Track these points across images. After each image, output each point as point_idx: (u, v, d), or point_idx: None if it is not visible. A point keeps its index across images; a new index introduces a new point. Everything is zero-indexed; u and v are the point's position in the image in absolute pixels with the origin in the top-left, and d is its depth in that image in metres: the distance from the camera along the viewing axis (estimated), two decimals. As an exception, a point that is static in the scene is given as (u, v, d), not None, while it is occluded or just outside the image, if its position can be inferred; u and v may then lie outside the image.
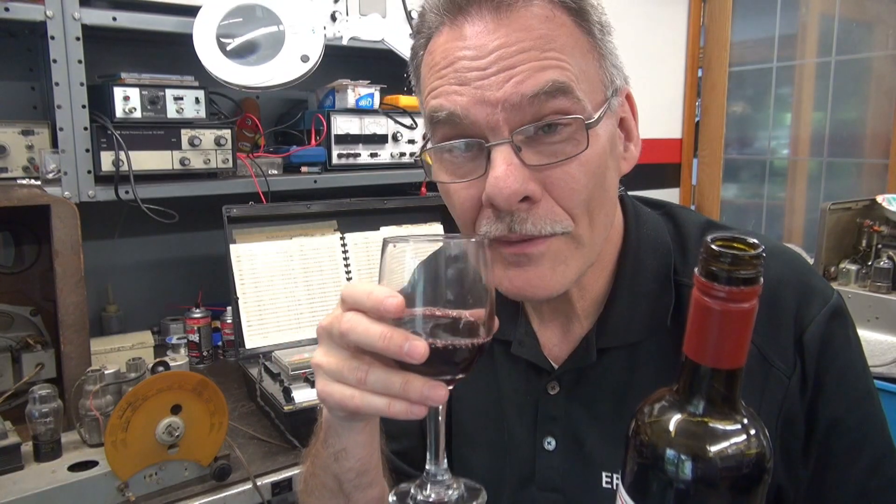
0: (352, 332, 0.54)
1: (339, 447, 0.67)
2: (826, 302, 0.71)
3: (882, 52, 2.60)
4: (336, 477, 0.70)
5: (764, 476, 0.43)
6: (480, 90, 0.61)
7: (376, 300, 0.53)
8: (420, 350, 0.51)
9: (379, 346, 0.52)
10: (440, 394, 0.53)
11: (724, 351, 0.41)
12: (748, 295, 0.39)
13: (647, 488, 0.44)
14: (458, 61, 0.63)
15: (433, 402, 0.54)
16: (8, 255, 1.46)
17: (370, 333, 0.53)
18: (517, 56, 0.61)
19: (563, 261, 0.66)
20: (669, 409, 0.44)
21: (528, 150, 0.63)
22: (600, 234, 0.68)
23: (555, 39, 0.62)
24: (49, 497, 1.07)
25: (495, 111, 0.61)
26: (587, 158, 0.63)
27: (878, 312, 1.99)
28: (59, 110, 1.44)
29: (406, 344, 0.51)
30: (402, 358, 0.52)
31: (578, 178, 0.63)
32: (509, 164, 0.61)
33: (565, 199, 0.63)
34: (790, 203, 2.97)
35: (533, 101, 0.61)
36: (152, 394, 1.12)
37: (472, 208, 0.66)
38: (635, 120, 0.73)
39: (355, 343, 0.54)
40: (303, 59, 1.60)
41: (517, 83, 0.60)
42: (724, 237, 0.40)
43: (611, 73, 0.67)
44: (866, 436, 0.70)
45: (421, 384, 0.53)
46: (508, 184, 0.60)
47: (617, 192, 0.70)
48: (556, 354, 0.77)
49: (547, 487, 0.76)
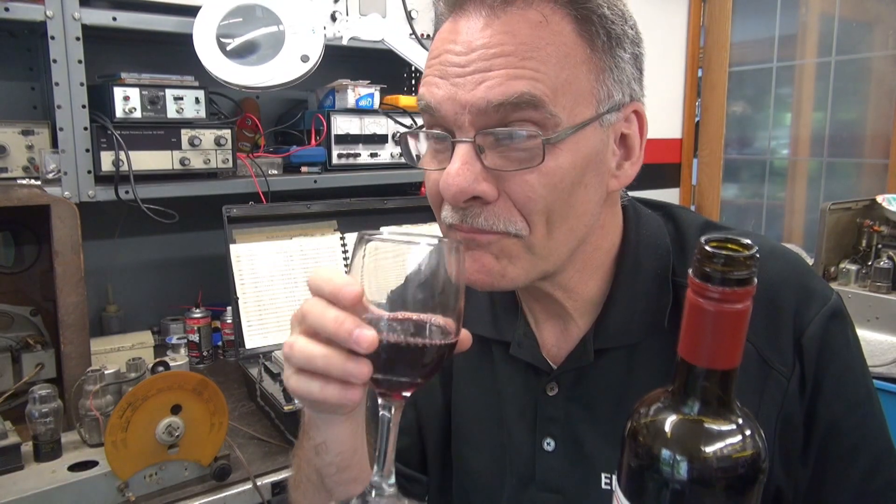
0: (309, 313, 0.55)
1: (318, 440, 0.67)
2: (825, 303, 0.70)
3: (882, 52, 2.60)
4: (317, 471, 0.70)
5: (759, 476, 0.43)
6: (455, 87, 0.62)
7: (335, 287, 0.53)
8: (368, 338, 0.51)
9: (331, 329, 0.52)
10: (363, 370, 0.53)
11: (718, 352, 0.41)
12: (742, 296, 0.39)
13: (643, 489, 0.44)
14: (445, 54, 0.64)
15: (355, 378, 0.53)
16: (8, 255, 1.46)
17: (325, 316, 0.53)
18: (495, 59, 0.61)
19: (508, 257, 0.66)
20: (664, 409, 0.44)
21: (490, 152, 0.63)
22: (559, 246, 0.67)
23: (539, 48, 0.62)
24: (49, 497, 1.07)
25: (463, 111, 0.62)
26: (549, 170, 0.63)
27: (878, 312, 1.99)
28: (59, 110, 1.45)
29: (356, 330, 0.51)
30: (350, 344, 0.51)
31: (536, 188, 0.63)
32: (464, 163, 0.62)
33: (522, 206, 0.64)
34: (790, 203, 2.97)
35: (499, 108, 0.61)
36: (152, 394, 1.12)
37: (439, 194, 0.67)
38: (641, 139, 0.70)
39: (311, 326, 0.55)
40: (303, 59, 1.60)
41: (487, 88, 0.61)
42: (718, 238, 0.40)
43: (608, 88, 0.66)
44: (865, 437, 0.70)
45: (342, 358, 0.53)
46: (458, 181, 0.62)
47: (593, 209, 0.69)
48: (554, 355, 0.77)
49: (546, 488, 0.77)
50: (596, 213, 0.70)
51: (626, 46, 0.67)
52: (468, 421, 0.84)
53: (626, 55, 0.67)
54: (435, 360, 0.55)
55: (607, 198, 0.71)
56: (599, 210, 0.70)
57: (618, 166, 0.70)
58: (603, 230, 0.73)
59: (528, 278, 0.68)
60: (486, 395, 0.82)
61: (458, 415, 0.85)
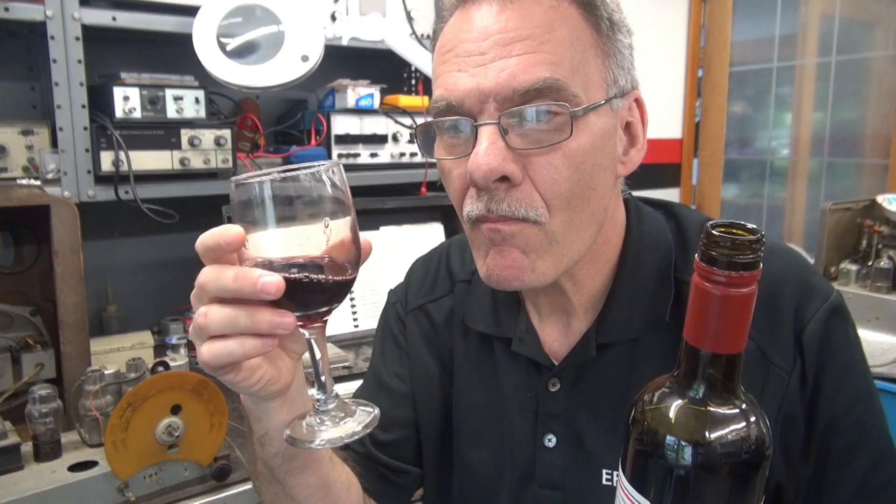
0: (207, 282, 0.53)
1: (261, 432, 0.66)
2: (826, 300, 0.71)
3: (882, 52, 2.60)
4: (265, 464, 0.69)
5: (763, 462, 0.43)
6: (475, 78, 0.63)
7: (215, 238, 0.52)
8: (274, 283, 0.50)
9: (233, 288, 0.51)
10: (287, 321, 0.53)
11: (723, 336, 0.41)
12: (747, 280, 0.39)
13: (649, 474, 0.44)
14: (461, 44, 0.64)
15: (283, 330, 0.53)
16: (8, 255, 1.46)
17: (222, 277, 0.52)
18: (514, 44, 0.62)
19: (535, 250, 0.66)
20: (670, 394, 0.45)
21: (514, 133, 0.63)
22: (579, 235, 0.67)
23: (555, 30, 0.63)
24: (49, 497, 1.07)
25: (488, 100, 0.63)
26: (572, 151, 0.63)
27: (878, 312, 1.99)
28: (58, 110, 1.44)
29: (259, 280, 0.50)
30: (258, 295, 0.51)
31: (560, 169, 0.63)
32: (492, 143, 0.62)
33: (545, 188, 0.64)
34: (790, 203, 2.97)
35: (524, 95, 0.62)
36: (152, 394, 1.12)
37: (462, 187, 0.67)
38: (643, 126, 0.72)
39: (214, 294, 0.53)
40: (303, 59, 1.60)
41: (511, 76, 0.61)
42: (724, 223, 0.41)
43: (614, 73, 0.67)
44: (866, 434, 0.70)
45: (269, 314, 0.52)
46: (488, 160, 0.62)
47: (609, 193, 0.69)
48: (556, 351, 0.77)
49: (547, 485, 0.77)
50: (610, 199, 0.70)
51: (624, 33, 0.69)
52: (469, 417, 0.84)
53: (626, 41, 0.69)
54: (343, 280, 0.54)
55: (614, 185, 0.72)
56: (612, 196, 0.71)
57: (625, 152, 0.71)
58: (612, 221, 0.74)
59: (556, 272, 0.67)
60: (487, 391, 0.82)
61: (459, 411, 0.85)
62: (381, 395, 0.88)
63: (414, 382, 0.88)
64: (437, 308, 0.89)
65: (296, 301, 0.53)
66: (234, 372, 0.56)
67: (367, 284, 1.91)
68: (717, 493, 0.43)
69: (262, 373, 0.58)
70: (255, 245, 0.52)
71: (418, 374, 0.88)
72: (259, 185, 0.51)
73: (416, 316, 0.90)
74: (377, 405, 0.59)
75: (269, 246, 0.52)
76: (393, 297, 0.95)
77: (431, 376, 0.87)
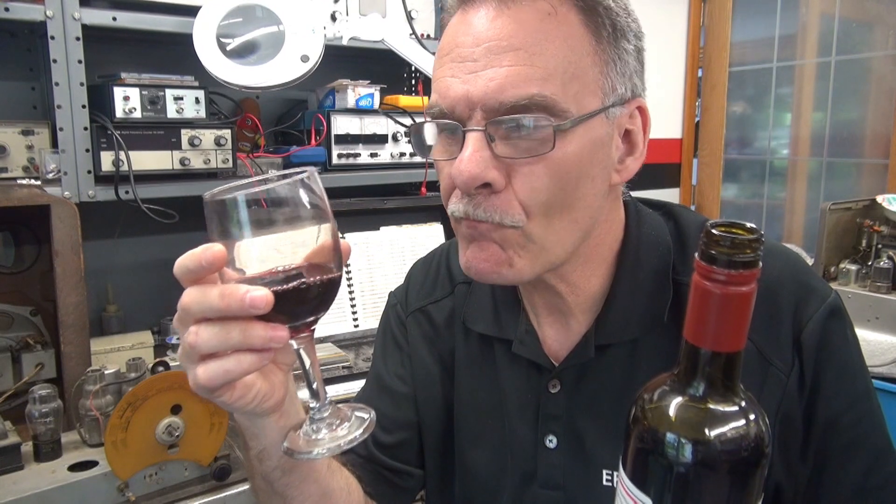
0: (192, 304, 0.52)
1: (258, 448, 0.66)
2: (824, 301, 0.71)
3: (882, 52, 2.60)
4: (264, 478, 0.69)
5: (762, 460, 0.43)
6: (466, 85, 0.63)
7: (196, 259, 0.50)
8: (262, 297, 0.49)
9: (221, 307, 0.50)
10: (282, 334, 0.52)
11: (723, 334, 0.42)
12: (747, 278, 0.40)
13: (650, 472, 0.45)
14: (456, 49, 0.64)
15: (278, 343, 0.52)
16: (8, 255, 1.46)
17: (207, 297, 0.50)
18: (506, 54, 0.61)
19: (513, 247, 0.66)
20: (669, 393, 0.45)
21: (500, 141, 0.63)
22: (562, 237, 0.67)
23: (550, 40, 0.62)
24: (49, 497, 1.07)
25: (475, 107, 0.63)
26: (556, 160, 0.63)
27: (878, 312, 1.99)
28: (59, 110, 1.44)
29: (247, 296, 0.49)
30: (247, 311, 0.49)
31: (541, 178, 0.63)
32: (476, 151, 0.62)
33: (524, 195, 0.64)
34: (790, 203, 2.97)
35: (511, 109, 0.62)
36: (152, 394, 1.12)
37: (449, 186, 0.67)
38: (645, 135, 0.71)
39: (200, 315, 0.52)
40: (303, 59, 1.60)
41: (498, 89, 0.61)
42: (724, 222, 0.41)
43: (613, 81, 0.66)
44: (864, 434, 0.70)
45: (262, 328, 0.51)
46: (469, 168, 0.62)
47: (598, 201, 0.69)
48: (556, 352, 0.77)
49: (548, 485, 0.77)
50: (600, 206, 0.70)
51: (629, 38, 0.67)
52: (470, 418, 0.84)
53: (630, 47, 0.67)
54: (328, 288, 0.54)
55: (610, 192, 0.71)
56: (603, 203, 0.70)
57: (620, 161, 0.70)
58: (607, 224, 0.74)
59: (533, 271, 0.67)
60: (487, 393, 0.82)
61: (460, 412, 0.85)
62: (382, 397, 0.88)
63: (415, 384, 0.88)
64: (438, 309, 0.89)
65: (284, 312, 0.52)
66: (230, 392, 0.56)
67: (367, 284, 1.91)
68: (717, 489, 0.43)
69: (257, 389, 0.58)
70: (236, 260, 0.51)
71: (419, 376, 0.88)
72: (233, 200, 0.50)
73: (417, 317, 0.90)
74: (379, 407, 0.59)
75: (250, 259, 0.51)
76: (393, 298, 0.95)
77: (432, 377, 0.87)
